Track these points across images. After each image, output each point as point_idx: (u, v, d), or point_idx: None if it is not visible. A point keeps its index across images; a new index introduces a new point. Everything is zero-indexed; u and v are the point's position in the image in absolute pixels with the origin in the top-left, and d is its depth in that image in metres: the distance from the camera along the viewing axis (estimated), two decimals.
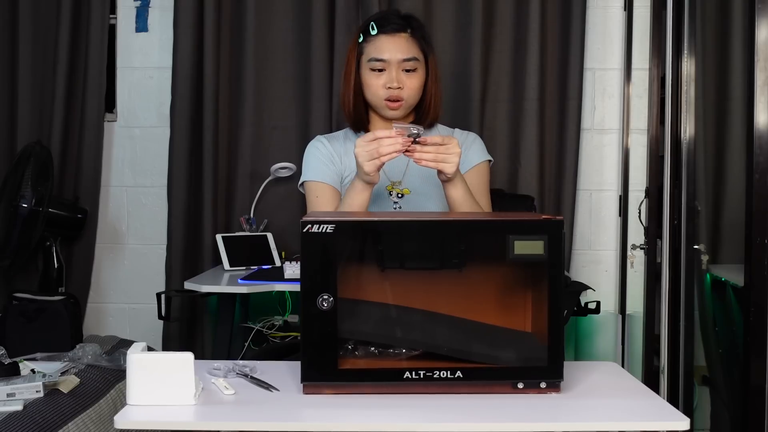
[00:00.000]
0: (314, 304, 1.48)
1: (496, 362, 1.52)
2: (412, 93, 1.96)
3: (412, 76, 1.95)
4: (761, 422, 2.14)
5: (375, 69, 1.95)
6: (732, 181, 2.84)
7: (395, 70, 1.94)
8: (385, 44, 1.95)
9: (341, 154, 2.04)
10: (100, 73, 3.32)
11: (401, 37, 1.95)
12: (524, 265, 1.53)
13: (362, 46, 1.98)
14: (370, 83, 1.97)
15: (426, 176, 2.00)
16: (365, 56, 1.97)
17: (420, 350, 1.54)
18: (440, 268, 1.55)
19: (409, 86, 1.95)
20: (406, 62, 1.94)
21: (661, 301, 2.86)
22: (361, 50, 1.98)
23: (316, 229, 1.48)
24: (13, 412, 2.13)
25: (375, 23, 1.98)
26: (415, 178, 2.00)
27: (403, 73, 1.94)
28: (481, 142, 2.12)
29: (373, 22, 1.99)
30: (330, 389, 1.51)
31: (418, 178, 2.00)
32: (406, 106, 1.97)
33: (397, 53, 1.94)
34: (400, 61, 1.94)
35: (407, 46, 1.95)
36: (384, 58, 1.94)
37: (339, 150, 2.05)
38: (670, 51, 2.82)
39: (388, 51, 1.94)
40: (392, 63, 1.94)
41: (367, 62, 1.96)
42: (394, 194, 2.00)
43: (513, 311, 1.57)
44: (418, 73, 1.96)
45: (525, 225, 1.52)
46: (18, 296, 3.00)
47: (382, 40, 1.95)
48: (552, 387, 1.51)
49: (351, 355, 1.54)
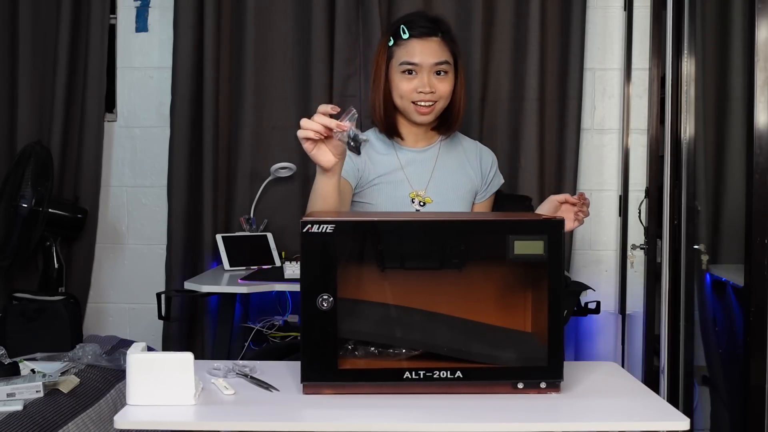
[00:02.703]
0: (314, 304, 1.48)
1: (496, 362, 1.52)
2: (443, 97, 1.96)
3: (444, 80, 1.95)
4: (761, 422, 2.14)
5: (407, 72, 1.94)
6: (732, 181, 2.84)
7: (427, 74, 1.93)
8: (417, 48, 1.93)
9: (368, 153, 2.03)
10: (100, 73, 3.32)
11: (433, 41, 1.95)
12: (524, 265, 1.53)
13: (392, 50, 1.97)
14: (401, 87, 1.95)
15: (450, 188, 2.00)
16: (395, 60, 1.96)
17: (420, 350, 1.54)
18: (440, 268, 1.55)
19: (441, 90, 1.94)
20: (438, 65, 1.93)
21: (661, 301, 2.86)
22: (392, 54, 1.97)
23: (316, 229, 1.48)
24: (13, 412, 2.13)
25: (405, 26, 1.96)
26: (439, 188, 2.00)
27: (435, 77, 1.94)
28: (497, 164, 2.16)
29: (403, 25, 1.97)
30: (330, 389, 1.51)
31: (443, 188, 2.00)
32: (436, 110, 1.97)
33: (430, 57, 1.93)
34: (432, 65, 1.93)
35: (439, 49, 1.95)
36: (416, 62, 1.93)
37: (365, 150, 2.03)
38: (670, 51, 2.82)
39: (421, 54, 1.93)
40: (424, 67, 1.93)
41: (398, 66, 1.95)
42: (416, 202, 1.99)
43: (513, 311, 1.58)
44: (449, 76, 1.96)
45: (525, 225, 1.52)
46: (18, 296, 3.00)
47: (413, 44, 1.94)
48: (552, 387, 1.51)
49: (351, 355, 1.54)
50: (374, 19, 3.15)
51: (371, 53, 3.19)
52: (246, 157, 3.27)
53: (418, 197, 1.99)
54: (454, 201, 1.99)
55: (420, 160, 2.03)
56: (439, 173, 2.01)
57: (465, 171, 2.05)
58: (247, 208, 3.25)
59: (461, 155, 2.06)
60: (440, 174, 2.01)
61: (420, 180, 2.00)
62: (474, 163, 2.06)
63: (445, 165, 2.03)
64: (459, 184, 2.02)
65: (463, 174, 2.04)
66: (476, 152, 2.09)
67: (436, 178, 1.99)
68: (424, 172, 2.00)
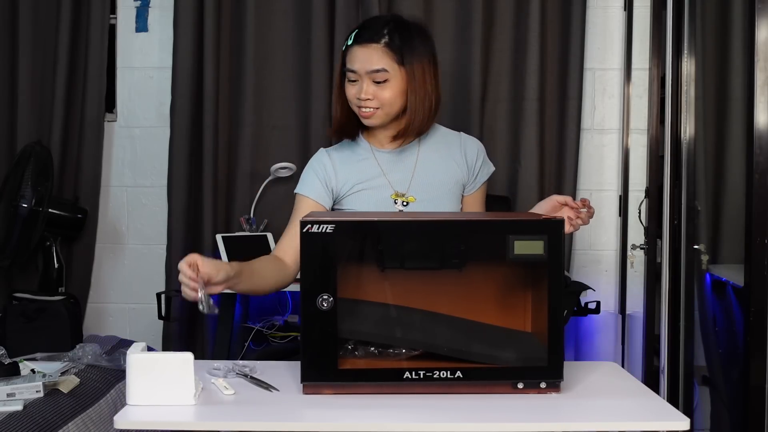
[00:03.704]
0: (314, 304, 1.48)
1: (496, 362, 1.52)
2: (384, 104, 1.92)
3: (384, 88, 1.91)
4: (761, 422, 2.14)
5: (350, 79, 1.94)
6: (732, 181, 2.84)
7: (365, 81, 1.91)
8: (357, 55, 1.92)
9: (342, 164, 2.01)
10: (100, 73, 3.32)
11: (372, 48, 1.91)
12: (524, 265, 1.53)
13: (344, 55, 1.97)
14: (347, 93, 1.96)
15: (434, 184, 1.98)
16: (345, 66, 1.96)
17: (420, 350, 1.54)
18: (440, 268, 1.55)
19: (381, 97, 1.91)
20: (375, 74, 1.90)
21: (661, 301, 2.86)
22: (343, 59, 1.97)
23: (316, 229, 1.48)
24: (13, 412, 2.12)
25: (356, 32, 1.96)
26: (422, 187, 1.99)
27: (374, 84, 1.91)
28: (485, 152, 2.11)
29: (355, 30, 1.97)
30: (330, 389, 1.51)
31: (426, 186, 1.99)
32: (381, 115, 1.94)
33: (366, 64, 1.90)
34: (369, 72, 1.90)
35: (377, 57, 1.90)
36: (355, 69, 1.92)
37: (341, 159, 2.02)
38: (670, 51, 2.82)
39: (359, 62, 1.91)
40: (362, 74, 1.91)
41: (345, 72, 1.96)
42: (399, 202, 1.98)
43: (513, 311, 1.58)
44: (389, 84, 1.91)
45: (525, 225, 1.52)
46: (18, 296, 3.00)
47: (355, 51, 1.93)
48: (552, 387, 1.51)
49: (351, 355, 1.54)
50: None
51: None
52: (246, 157, 3.27)
53: (400, 198, 1.98)
54: (439, 197, 1.98)
55: (400, 161, 2.01)
56: (420, 171, 1.99)
57: (448, 165, 2.02)
58: (247, 208, 3.25)
59: (443, 150, 2.04)
60: (422, 172, 2.00)
61: (401, 181, 1.99)
62: (458, 156, 2.03)
63: (426, 162, 2.01)
64: (443, 179, 2.00)
65: (446, 169, 2.01)
66: (459, 144, 2.05)
67: (418, 176, 1.98)
68: (405, 171, 1.99)
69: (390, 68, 1.91)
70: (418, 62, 1.93)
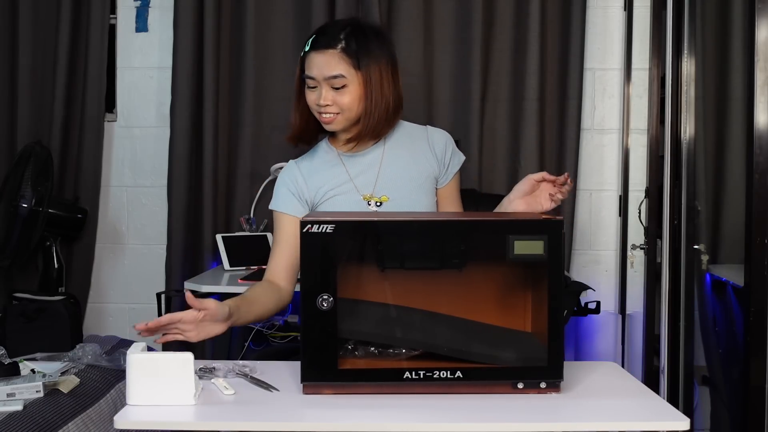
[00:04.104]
0: (314, 304, 1.48)
1: (496, 362, 1.52)
2: (344, 109, 1.92)
3: (342, 93, 1.90)
4: (761, 422, 2.14)
5: (309, 86, 1.93)
6: (732, 181, 2.84)
7: (324, 87, 1.90)
8: (314, 61, 1.91)
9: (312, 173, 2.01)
10: (100, 73, 3.32)
11: (329, 54, 1.90)
12: (524, 265, 1.53)
13: (302, 61, 1.96)
14: (307, 99, 1.95)
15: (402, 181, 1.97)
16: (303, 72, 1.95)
17: (420, 350, 1.54)
18: (440, 268, 1.55)
19: (340, 103, 1.91)
20: (333, 80, 1.89)
21: (661, 301, 2.86)
22: (302, 66, 1.96)
23: (316, 229, 1.48)
24: (13, 412, 2.12)
25: (313, 37, 1.94)
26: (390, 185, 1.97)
27: (333, 90, 1.90)
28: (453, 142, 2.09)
29: (312, 35, 1.96)
30: (330, 389, 1.51)
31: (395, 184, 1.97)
32: (341, 120, 1.93)
33: (324, 70, 1.90)
34: (327, 79, 1.90)
35: (334, 62, 1.89)
36: (313, 75, 1.91)
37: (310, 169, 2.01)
38: (670, 51, 2.82)
39: (316, 68, 1.90)
40: (320, 80, 1.91)
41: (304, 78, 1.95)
42: (372, 203, 1.97)
43: (513, 311, 1.58)
44: (348, 89, 1.90)
45: (525, 225, 1.52)
46: (18, 296, 3.00)
47: (312, 57, 1.92)
48: (552, 387, 1.51)
49: (351, 355, 1.54)
50: (374, 19, 3.15)
51: None
52: (246, 157, 3.27)
53: (373, 198, 1.98)
54: (410, 193, 1.96)
55: (366, 163, 2.00)
56: (387, 171, 1.98)
57: (416, 161, 2.00)
58: (247, 208, 3.25)
59: (409, 146, 2.02)
60: (389, 171, 1.98)
61: (366, 183, 1.98)
62: (426, 150, 2.02)
63: (392, 161, 2.00)
64: (413, 175, 1.98)
65: (414, 164, 2.00)
66: (426, 138, 2.03)
67: (385, 176, 1.97)
68: (371, 173, 1.98)
69: (347, 73, 1.90)
70: (374, 66, 1.92)
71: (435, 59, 3.25)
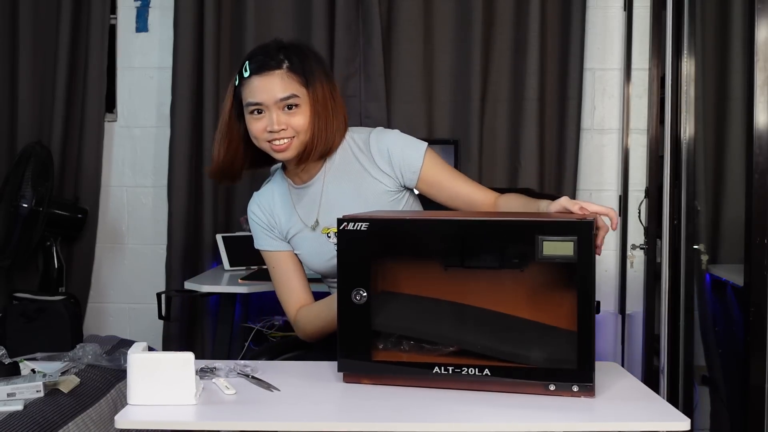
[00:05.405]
0: (349, 298, 1.54)
1: (527, 362, 1.51)
2: (299, 131, 1.81)
3: (295, 114, 1.80)
4: (761, 422, 2.14)
5: (254, 114, 1.82)
6: (732, 181, 2.84)
7: (274, 111, 1.79)
8: (259, 85, 1.80)
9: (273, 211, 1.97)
10: (100, 73, 3.32)
11: (276, 75, 1.80)
12: (554, 265, 1.52)
13: (239, 91, 1.85)
14: (253, 128, 1.82)
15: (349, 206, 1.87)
16: (243, 100, 1.84)
17: (456, 347, 1.54)
18: (478, 268, 1.53)
19: (295, 125, 1.80)
20: (285, 101, 1.80)
21: (661, 301, 2.86)
22: (239, 95, 1.85)
23: (352, 226, 1.54)
24: (13, 412, 2.12)
25: (249, 63, 1.83)
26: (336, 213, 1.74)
27: (284, 112, 1.80)
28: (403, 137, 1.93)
29: (247, 62, 1.84)
30: (367, 379, 1.56)
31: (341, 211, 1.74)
32: (297, 145, 1.83)
33: (273, 93, 1.79)
34: (278, 102, 1.79)
35: (284, 83, 1.80)
36: (259, 101, 1.80)
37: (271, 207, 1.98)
38: (670, 51, 2.82)
39: (263, 92, 1.79)
40: (269, 104, 1.80)
41: (246, 107, 1.83)
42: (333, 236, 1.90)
43: (544, 311, 1.55)
44: (301, 109, 1.81)
45: (554, 225, 1.52)
46: (18, 296, 3.00)
47: (254, 82, 1.80)
48: (585, 391, 1.48)
49: (389, 348, 1.56)
50: (374, 19, 3.15)
51: (371, 53, 3.19)
52: None
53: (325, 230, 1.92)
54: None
55: (308, 195, 1.93)
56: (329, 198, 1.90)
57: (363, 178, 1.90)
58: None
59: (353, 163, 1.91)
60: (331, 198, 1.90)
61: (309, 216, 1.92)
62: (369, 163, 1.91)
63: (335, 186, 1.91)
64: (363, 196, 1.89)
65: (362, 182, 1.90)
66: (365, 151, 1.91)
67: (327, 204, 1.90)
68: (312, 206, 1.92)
69: (299, 92, 1.81)
70: (319, 83, 1.84)
71: (435, 59, 3.25)
